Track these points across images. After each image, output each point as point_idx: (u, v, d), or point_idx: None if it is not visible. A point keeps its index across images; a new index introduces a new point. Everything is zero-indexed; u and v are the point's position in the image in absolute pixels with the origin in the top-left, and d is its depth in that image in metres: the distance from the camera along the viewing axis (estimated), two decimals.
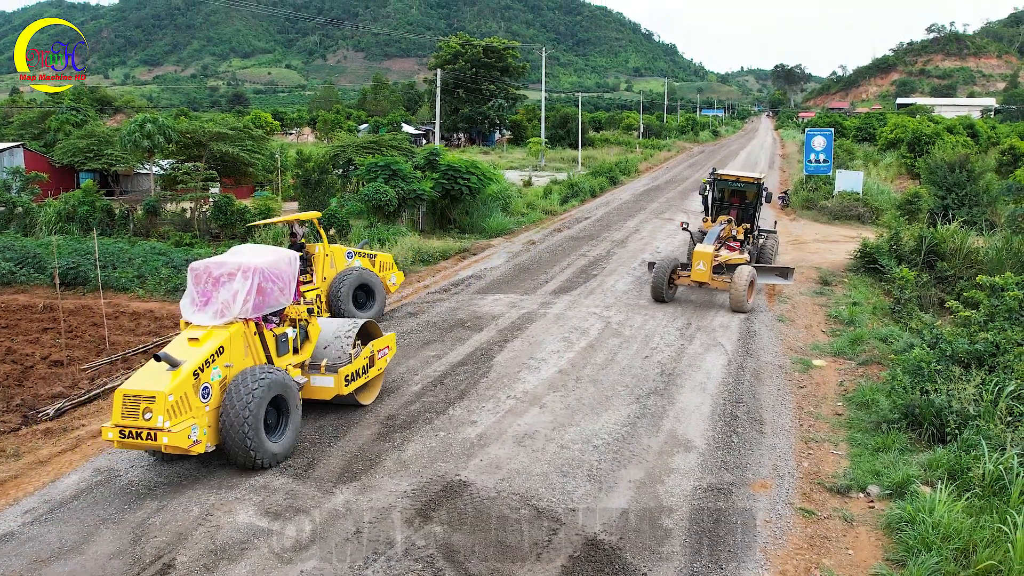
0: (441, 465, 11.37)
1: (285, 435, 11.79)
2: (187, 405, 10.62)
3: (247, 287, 11.76)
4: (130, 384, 10.68)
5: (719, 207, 24.50)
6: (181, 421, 10.46)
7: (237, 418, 10.90)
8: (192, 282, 12.00)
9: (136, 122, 34.28)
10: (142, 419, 10.29)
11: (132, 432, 10.36)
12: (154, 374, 10.71)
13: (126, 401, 10.45)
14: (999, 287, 15.70)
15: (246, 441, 10.97)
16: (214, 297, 11.77)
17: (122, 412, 10.43)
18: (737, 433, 12.78)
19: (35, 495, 10.65)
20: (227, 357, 11.40)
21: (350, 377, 13.12)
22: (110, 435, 10.50)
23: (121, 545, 9.30)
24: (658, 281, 20.93)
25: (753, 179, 24.26)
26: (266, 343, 12.24)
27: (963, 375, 13.14)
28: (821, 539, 9.72)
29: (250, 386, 11.10)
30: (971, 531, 9.23)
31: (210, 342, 11.24)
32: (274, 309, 12.45)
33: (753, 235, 23.89)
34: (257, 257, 12.40)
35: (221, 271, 11.94)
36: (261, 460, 11.22)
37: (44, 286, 23.58)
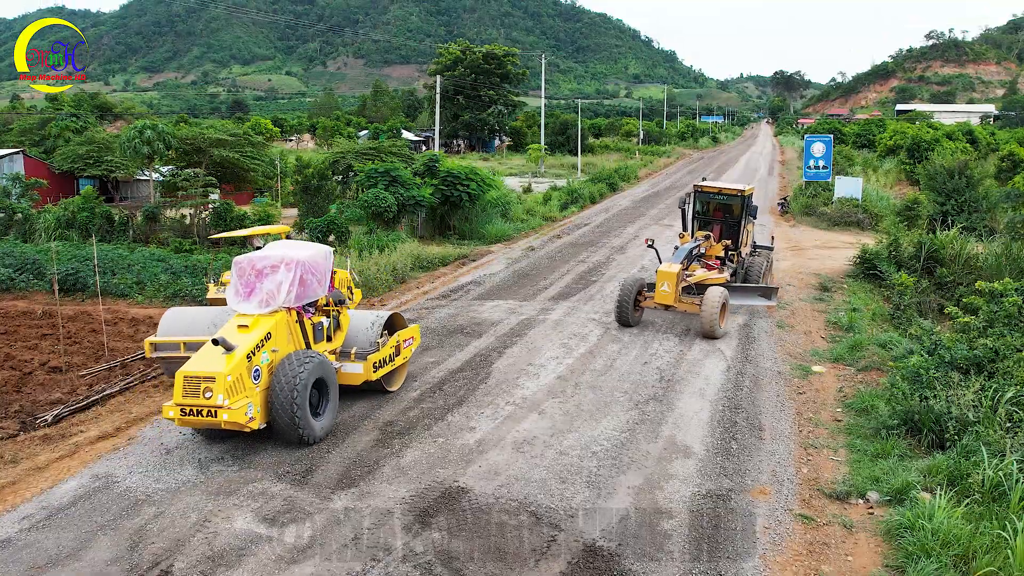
0: (440, 471, 11.36)
1: (326, 414, 12.71)
2: (242, 385, 11.54)
3: (290, 278, 12.73)
4: (190, 366, 11.49)
5: (702, 222, 22.35)
6: (238, 399, 11.36)
7: (286, 398, 11.78)
8: (236, 274, 12.93)
9: (136, 128, 34.35)
10: (203, 398, 11.16)
11: (193, 410, 11.20)
12: (212, 357, 11.56)
13: (187, 382, 11.28)
14: (998, 293, 15.67)
15: (294, 419, 11.85)
16: (258, 288, 12.72)
17: (183, 392, 11.24)
18: (736, 439, 12.76)
19: (33, 501, 10.62)
20: (274, 343, 12.34)
21: (378, 364, 13.96)
22: (171, 413, 11.34)
23: (119, 551, 9.28)
24: (623, 303, 19.25)
25: (737, 191, 21.90)
26: (305, 331, 13.23)
27: (962, 381, 13.13)
28: (820, 545, 9.71)
29: (296, 369, 11.97)
30: (971, 537, 9.22)
31: (259, 329, 12.16)
32: (312, 299, 13.33)
33: (738, 252, 21.74)
34: (298, 251, 13.38)
35: (265, 264, 12.89)
36: (307, 437, 12.10)
37: (43, 292, 23.57)
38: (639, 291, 19.52)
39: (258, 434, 12.71)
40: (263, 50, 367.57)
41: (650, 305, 19.45)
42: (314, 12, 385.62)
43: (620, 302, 19.24)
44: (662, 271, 18.66)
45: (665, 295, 18.53)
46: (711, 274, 20.00)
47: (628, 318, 19.20)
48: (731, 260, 21.47)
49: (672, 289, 18.43)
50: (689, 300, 19.03)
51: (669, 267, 18.70)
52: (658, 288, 18.63)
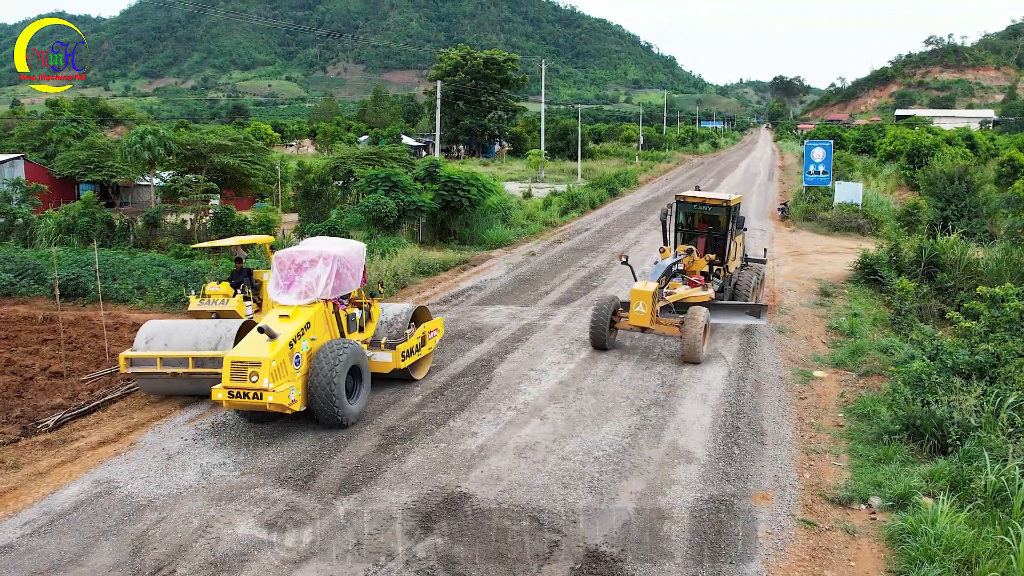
0: (442, 476, 11.35)
1: (360, 399, 13.65)
2: (285, 370, 12.43)
3: (328, 272, 13.77)
4: (237, 352, 12.42)
5: (686, 235, 20.98)
6: (281, 383, 12.24)
7: (324, 383, 12.67)
8: (276, 268, 13.96)
9: (136, 134, 34.40)
10: (249, 381, 12.01)
11: (240, 392, 12.10)
12: (257, 344, 12.51)
13: (235, 367, 12.17)
14: (999, 298, 15.69)
15: (332, 402, 12.75)
16: (297, 281, 13.73)
17: (231, 375, 12.13)
18: (738, 444, 12.75)
19: (34, 507, 10.60)
20: (312, 332, 13.27)
21: (406, 353, 14.98)
22: (219, 396, 12.28)
23: (121, 557, 9.26)
24: (597, 325, 17.52)
25: (722, 201, 20.30)
26: (340, 321, 14.25)
27: (964, 386, 13.11)
28: (823, 551, 9.69)
29: (334, 356, 12.89)
30: (973, 543, 9.19)
31: (299, 319, 13.11)
32: (347, 292, 14.44)
33: (724, 266, 20.39)
34: (335, 247, 14.49)
35: (303, 258, 13.94)
36: (343, 419, 13.00)
37: (44, 297, 23.56)
38: (614, 311, 17.99)
39: (260, 439, 12.77)
40: (263, 55, 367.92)
41: (625, 327, 17.84)
42: (314, 17, 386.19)
43: (594, 324, 17.59)
44: (637, 290, 16.84)
45: (640, 316, 16.79)
46: (694, 291, 18.58)
47: (603, 341, 17.59)
48: (717, 275, 20.26)
49: (648, 310, 16.71)
50: (668, 321, 17.38)
51: (644, 286, 16.94)
52: (632, 309, 16.89)
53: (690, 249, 19.61)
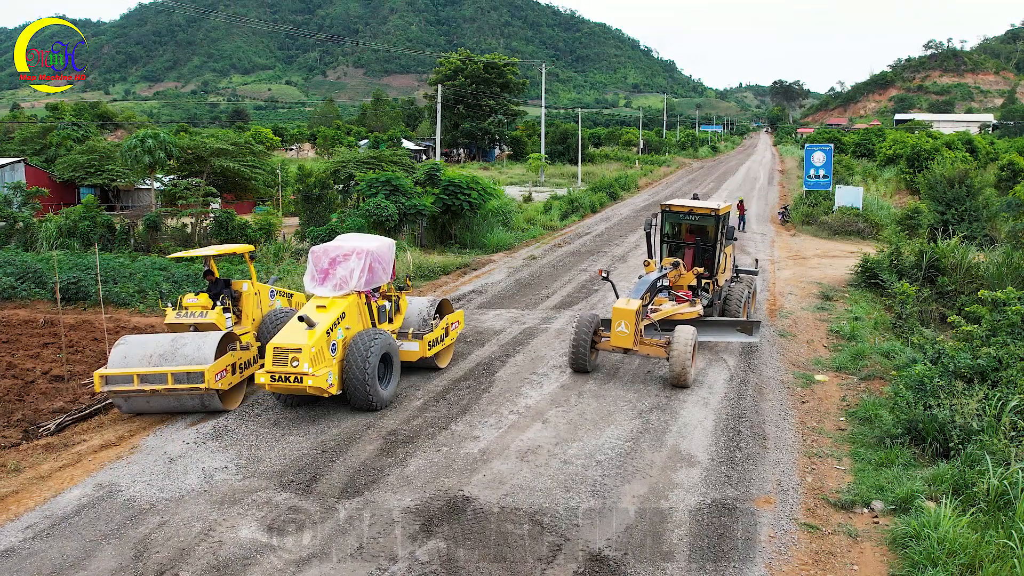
0: (444, 480, 11.33)
1: (391, 384, 14.60)
2: (323, 356, 13.37)
3: (361, 266, 14.73)
4: (278, 339, 13.37)
5: (672, 246, 19.78)
6: (320, 368, 13.19)
7: (359, 368, 13.62)
8: (312, 262, 14.95)
9: (137, 137, 34.41)
10: (290, 366, 13.00)
11: (281, 376, 13.06)
12: (297, 331, 13.46)
13: (276, 353, 13.14)
14: (1001, 302, 15.72)
15: (366, 387, 13.71)
16: (331, 274, 14.68)
17: (273, 361, 13.10)
18: (740, 448, 12.74)
19: (36, 510, 10.59)
20: (347, 321, 14.25)
21: (431, 343, 16.06)
22: (262, 380, 13.20)
23: (123, 561, 9.24)
24: (578, 347, 16.08)
25: (710, 211, 18.95)
26: (372, 312, 15.25)
27: (966, 390, 13.12)
28: (826, 555, 9.67)
29: (368, 344, 13.84)
30: (977, 546, 9.18)
31: (335, 309, 14.09)
32: (378, 285, 15.38)
33: (713, 279, 19.16)
34: (368, 243, 15.55)
35: (338, 253, 14.89)
36: (376, 403, 13.96)
37: (45, 301, 23.56)
38: (596, 330, 16.49)
39: (261, 442, 12.77)
40: (263, 59, 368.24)
41: (606, 348, 16.18)
42: (314, 22, 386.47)
43: (575, 345, 16.12)
44: (619, 308, 15.42)
45: (622, 337, 15.39)
46: (681, 308, 17.42)
47: (584, 363, 16.16)
48: (706, 289, 19.06)
49: (631, 329, 15.30)
50: (652, 342, 15.87)
51: (627, 303, 15.49)
52: (614, 328, 15.44)
53: (676, 262, 18.37)
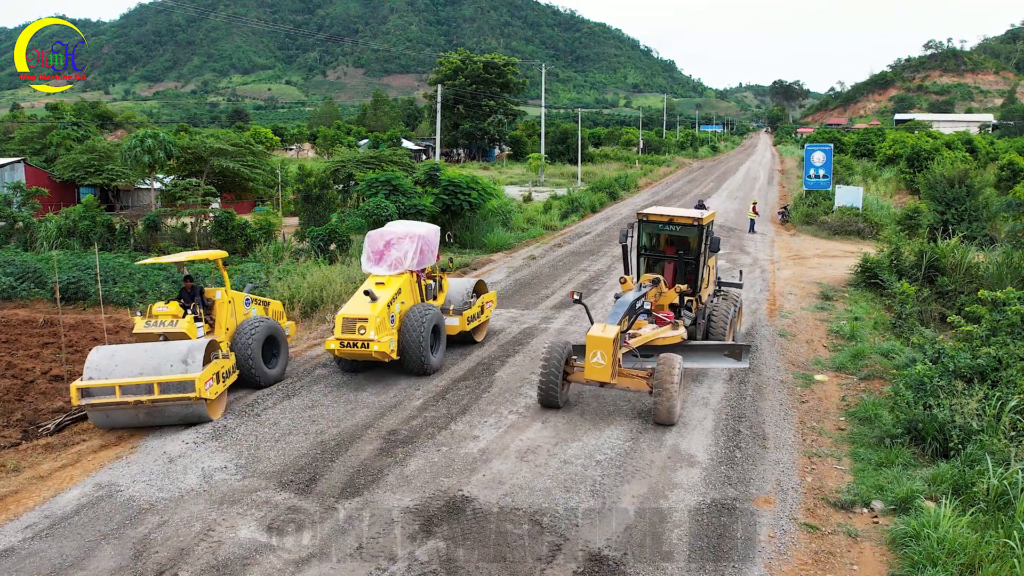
0: (444, 480, 11.33)
1: (439, 353, 16.67)
2: (385, 326, 15.50)
3: (414, 248, 16.84)
4: (346, 310, 15.52)
5: (651, 260, 17.79)
6: (383, 335, 15.31)
7: (415, 337, 15.75)
8: (368, 245, 17.03)
9: (137, 137, 34.41)
10: (358, 333, 15.12)
11: (350, 343, 15.18)
12: (362, 304, 15.55)
13: (345, 322, 15.27)
14: (1001, 302, 15.71)
15: (420, 354, 15.82)
16: (386, 255, 16.73)
17: (342, 329, 15.24)
18: (740, 448, 12.74)
19: (36, 510, 10.59)
20: (402, 296, 16.38)
21: (470, 318, 18.18)
22: (332, 346, 15.34)
23: (123, 560, 9.24)
24: (548, 379, 14.10)
25: (692, 220, 16.89)
26: (422, 289, 17.39)
27: (966, 390, 13.11)
28: (825, 555, 9.67)
29: (421, 316, 15.99)
30: (976, 546, 9.17)
31: (392, 286, 16.20)
32: (426, 265, 17.57)
33: (697, 296, 17.27)
34: (418, 228, 17.67)
35: (392, 236, 16.97)
36: (429, 368, 16.07)
37: (44, 301, 23.59)
38: (568, 360, 14.50)
39: (261, 442, 12.78)
40: (263, 59, 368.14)
41: (579, 380, 14.17)
42: (314, 22, 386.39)
43: (545, 377, 14.15)
44: (594, 336, 13.35)
45: (598, 369, 13.32)
46: (663, 331, 15.53)
47: (555, 399, 14.20)
48: (689, 308, 17.16)
49: (608, 360, 13.25)
50: (633, 373, 14.02)
51: (603, 330, 13.40)
52: (588, 360, 13.40)
53: (657, 279, 16.44)
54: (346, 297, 21.94)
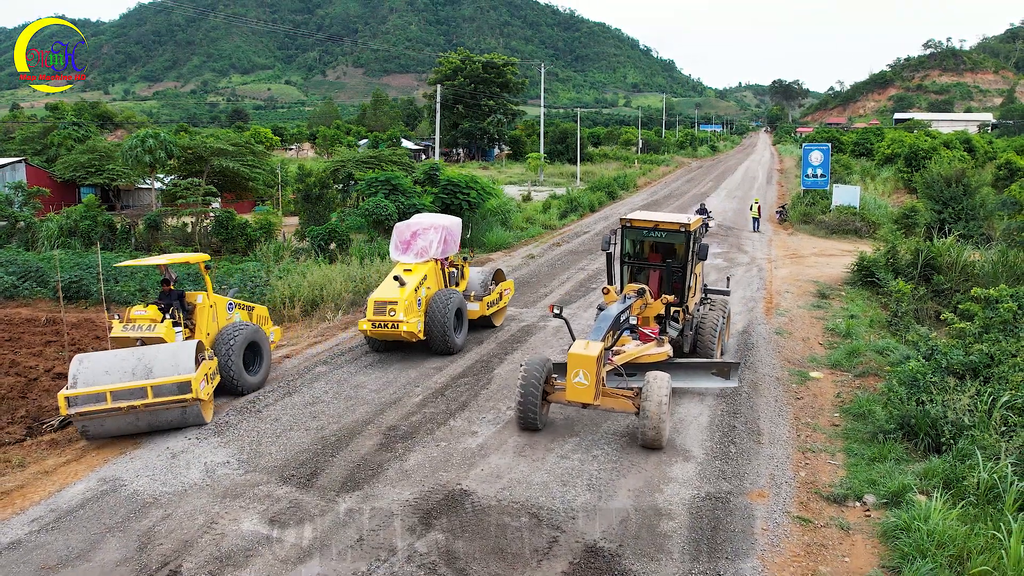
0: (443, 474, 11.50)
1: (461, 334, 18.27)
2: (413, 308, 17.09)
3: (439, 238, 18.49)
4: (377, 294, 17.25)
5: (635, 269, 16.95)
6: (411, 317, 16.88)
7: (440, 319, 17.24)
8: (396, 235, 18.79)
9: (138, 137, 34.56)
10: (388, 315, 16.74)
11: (381, 323, 16.80)
12: (392, 288, 17.29)
13: (377, 305, 16.93)
14: (994, 299, 15.88)
15: (445, 334, 17.34)
16: (413, 245, 18.40)
17: (374, 311, 16.88)
18: (735, 443, 12.91)
19: (41, 504, 10.76)
20: (428, 282, 17.97)
21: (489, 304, 19.79)
22: (365, 327, 16.98)
23: (127, 552, 9.41)
24: (527, 401, 13.04)
25: (679, 226, 16.12)
26: (445, 276, 18.97)
27: (958, 386, 13.28)
28: (818, 547, 9.83)
29: (446, 300, 17.52)
30: (966, 538, 9.34)
31: (419, 272, 17.82)
32: (450, 254, 19.21)
33: (684, 306, 16.38)
34: (442, 220, 19.34)
35: (418, 227, 18.71)
36: (453, 347, 17.63)
37: (46, 300, 23.76)
38: (547, 378, 13.53)
39: (263, 437, 12.96)
40: (262, 59, 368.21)
41: (560, 400, 13.28)
42: (313, 21, 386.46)
43: (523, 400, 13.10)
44: (576, 354, 12.30)
45: (581, 390, 12.27)
46: (648, 348, 14.66)
47: (535, 421, 13.17)
48: (675, 319, 16.24)
49: (591, 380, 12.21)
50: (618, 392, 13.09)
51: (585, 348, 12.40)
52: (570, 380, 12.31)
53: (642, 289, 15.39)
54: (347, 296, 22.21)
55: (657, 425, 12.29)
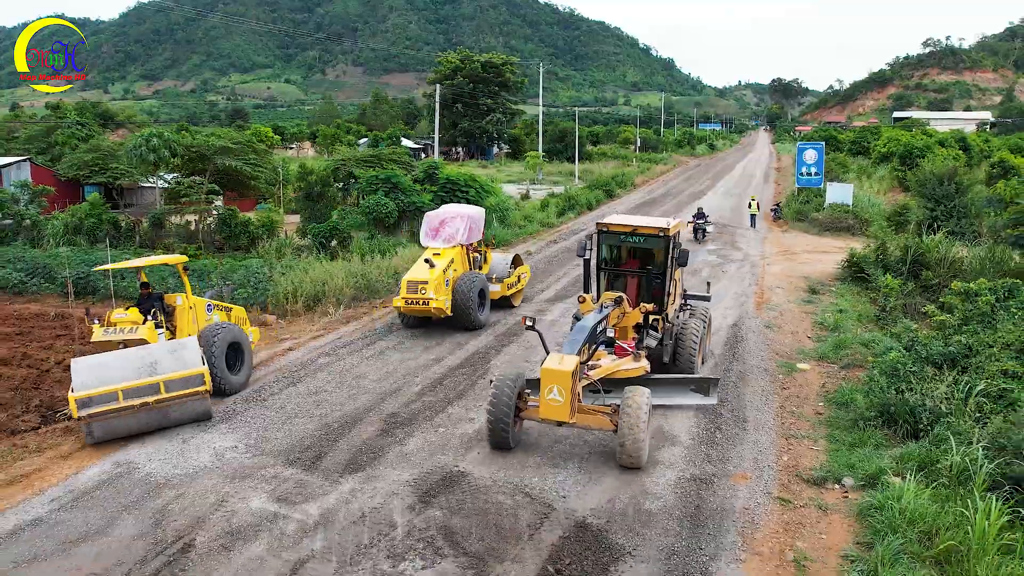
0: (440, 457, 12.08)
1: (485, 311, 20.60)
2: (441, 288, 19.29)
3: (464, 226, 20.89)
4: (410, 275, 19.51)
5: (612, 276, 16.26)
6: (440, 295, 19.10)
7: (465, 298, 19.51)
8: (426, 223, 21.38)
9: (143, 136, 35.03)
10: (419, 293, 18.97)
11: (413, 300, 19.03)
12: (423, 270, 19.48)
13: (409, 284, 19.19)
14: (973, 293, 16.45)
15: (470, 311, 19.60)
16: (441, 231, 20.86)
17: (407, 290, 19.11)
18: (721, 429, 13.46)
19: (59, 485, 11.34)
20: (455, 265, 20.18)
21: (509, 285, 22.24)
22: (398, 304, 19.24)
23: (143, 528, 9.99)
24: (498, 419, 12.18)
25: (658, 230, 15.42)
26: (470, 260, 21.28)
27: (936, 375, 13.85)
28: (796, 525, 10.39)
29: (470, 281, 19.83)
30: (936, 516, 9.89)
31: (446, 256, 20.13)
32: (474, 240, 21.47)
33: (664, 315, 15.55)
34: (467, 210, 22.09)
35: (446, 216, 21.30)
36: (477, 323, 19.91)
37: (54, 295, 24.33)
38: (520, 394, 12.64)
39: (269, 425, 13.53)
40: (262, 58, 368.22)
41: (533, 417, 12.38)
42: (313, 20, 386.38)
43: (494, 416, 12.23)
44: (549, 369, 11.57)
45: (555, 407, 11.54)
46: (624, 363, 13.91)
47: (506, 439, 12.32)
48: (655, 328, 15.32)
49: (566, 397, 11.50)
50: (595, 409, 12.34)
51: (559, 363, 11.66)
52: (544, 396, 11.58)
53: (620, 297, 14.85)
54: (348, 291, 22.78)
55: (636, 443, 11.55)
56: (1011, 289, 16.84)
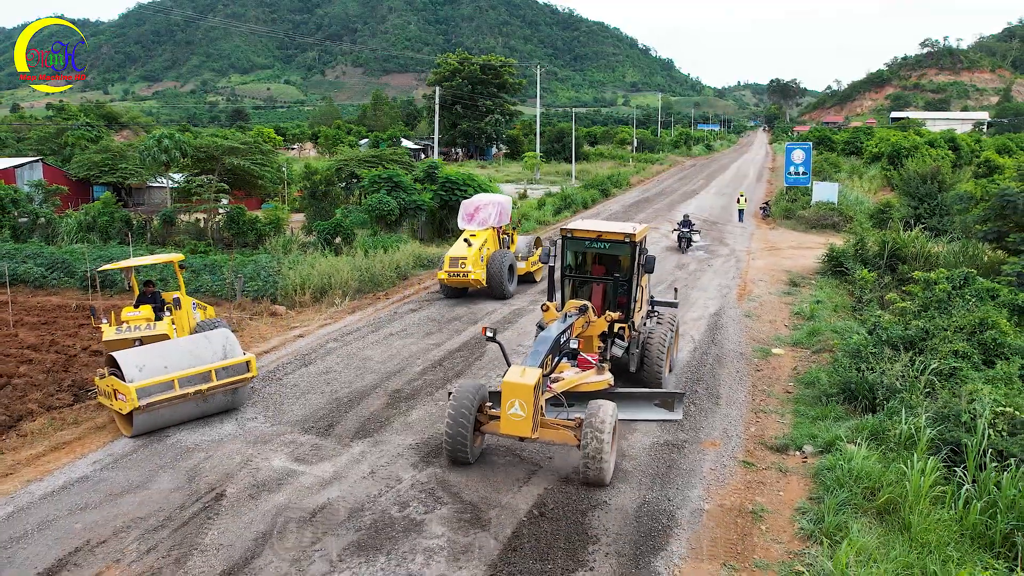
0: (440, 426, 13.36)
1: (513, 283, 24.33)
2: (477, 263, 23.10)
3: (497, 211, 24.77)
4: (452, 252, 23.27)
5: (577, 283, 15.71)
6: (477, 269, 22.94)
7: (498, 272, 23.35)
8: (463, 209, 25.03)
9: (154, 137, 36.38)
10: (460, 267, 22.83)
11: (454, 274, 22.86)
12: (462, 248, 23.20)
13: (451, 260, 22.96)
14: (932, 281, 17.78)
15: (501, 283, 23.48)
16: (476, 216, 24.48)
17: (449, 264, 22.93)
18: (695, 404, 14.78)
19: (99, 451, 12.66)
20: (488, 244, 23.99)
21: (532, 264, 26.07)
22: (442, 276, 23.16)
23: (179, 483, 11.35)
24: (455, 434, 11.66)
25: (623, 236, 15.02)
26: (500, 240, 24.94)
27: (894, 356, 15.14)
28: (757, 484, 11.70)
29: (501, 257, 23.73)
30: (880, 474, 11.18)
31: (481, 237, 23.87)
32: (502, 224, 25.15)
33: (630, 323, 15.18)
34: (498, 198, 25.95)
35: (479, 203, 24.96)
36: (507, 293, 23.81)
37: (73, 288, 25.68)
38: (481, 407, 12.13)
39: (284, 399, 14.84)
40: (262, 59, 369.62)
41: (494, 432, 11.92)
42: (313, 21, 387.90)
43: (452, 430, 11.69)
44: (511, 383, 11.12)
45: (517, 422, 11.09)
46: (587, 376, 13.64)
47: (465, 454, 11.80)
48: (621, 337, 15.10)
49: (528, 411, 11.04)
50: (558, 423, 11.80)
51: (522, 375, 11.23)
52: (505, 410, 11.13)
53: (584, 306, 14.44)
54: (353, 284, 24.11)
55: (600, 458, 11.11)
56: (966, 278, 18.19)
